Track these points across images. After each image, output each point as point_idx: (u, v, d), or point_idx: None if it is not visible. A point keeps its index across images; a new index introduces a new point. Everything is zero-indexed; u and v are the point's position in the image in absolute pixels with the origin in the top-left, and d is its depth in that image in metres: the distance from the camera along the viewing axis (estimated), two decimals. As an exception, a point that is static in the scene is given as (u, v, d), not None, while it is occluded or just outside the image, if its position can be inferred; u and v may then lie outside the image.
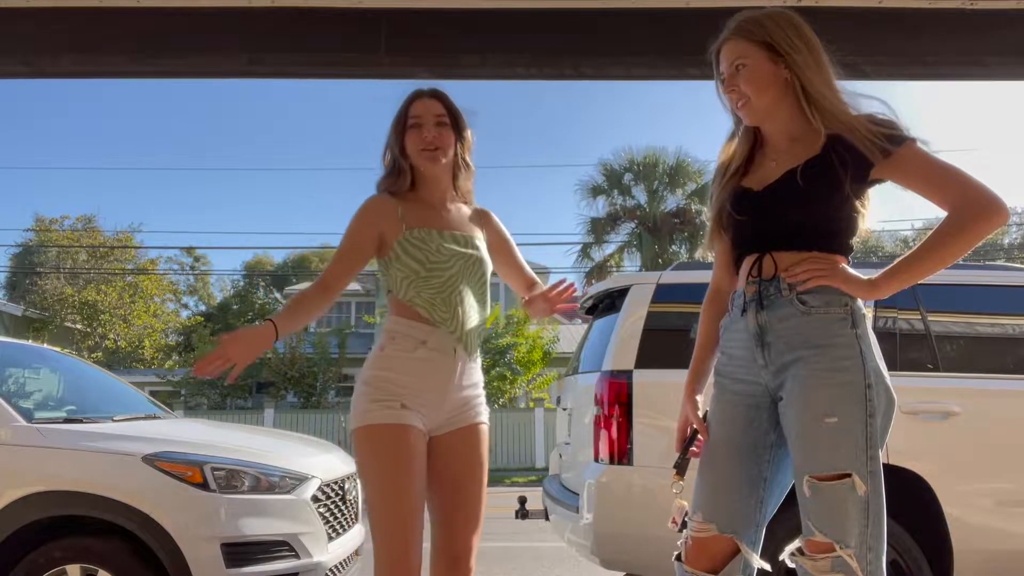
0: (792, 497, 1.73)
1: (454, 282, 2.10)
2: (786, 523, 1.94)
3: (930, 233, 1.67)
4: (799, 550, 1.66)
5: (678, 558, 1.80)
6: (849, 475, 1.58)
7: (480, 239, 2.22)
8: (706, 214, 1.95)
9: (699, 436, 1.87)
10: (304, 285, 22.60)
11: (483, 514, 2.10)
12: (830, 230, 1.73)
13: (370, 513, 1.96)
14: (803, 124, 1.75)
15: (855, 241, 1.77)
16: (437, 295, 2.07)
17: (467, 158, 2.22)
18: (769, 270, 1.74)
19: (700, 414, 1.89)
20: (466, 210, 2.26)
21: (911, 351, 3.45)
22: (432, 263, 2.08)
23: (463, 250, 2.14)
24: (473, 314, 2.12)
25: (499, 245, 2.30)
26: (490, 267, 2.22)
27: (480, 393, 2.19)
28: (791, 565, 1.69)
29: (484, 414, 2.18)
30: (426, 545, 1.98)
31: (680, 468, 1.90)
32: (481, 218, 2.29)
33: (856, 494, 1.58)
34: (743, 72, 1.74)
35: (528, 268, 2.33)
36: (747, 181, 1.83)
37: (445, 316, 2.06)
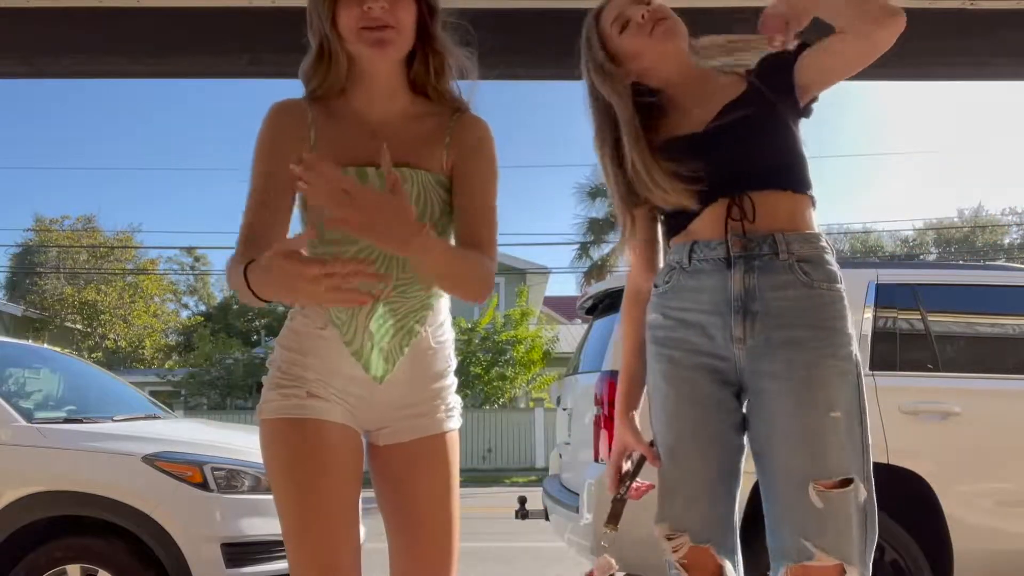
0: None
1: (368, 259, 1.39)
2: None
3: None
4: None
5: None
6: (852, 480, 1.35)
7: (429, 175, 1.44)
8: (613, 202, 1.63)
9: (636, 472, 1.59)
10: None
11: (456, 546, 1.52)
12: (801, 159, 1.51)
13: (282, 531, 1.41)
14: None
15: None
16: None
17: (437, 41, 1.44)
18: (756, 216, 1.45)
19: (646, 439, 1.58)
20: (427, 124, 1.48)
21: (911, 351, 3.44)
22: (333, 229, 1.32)
23: None
24: (391, 322, 1.43)
25: (463, 180, 1.47)
26: (444, 222, 1.47)
27: (444, 387, 1.53)
28: None
29: (451, 417, 1.54)
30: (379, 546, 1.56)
31: (614, 515, 1.56)
32: (450, 137, 1.47)
33: (859, 502, 1.35)
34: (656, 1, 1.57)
35: (488, 230, 1.47)
36: (669, 132, 1.55)
37: (341, 318, 1.40)
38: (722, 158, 1.47)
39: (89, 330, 24.03)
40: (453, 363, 1.57)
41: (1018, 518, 3.28)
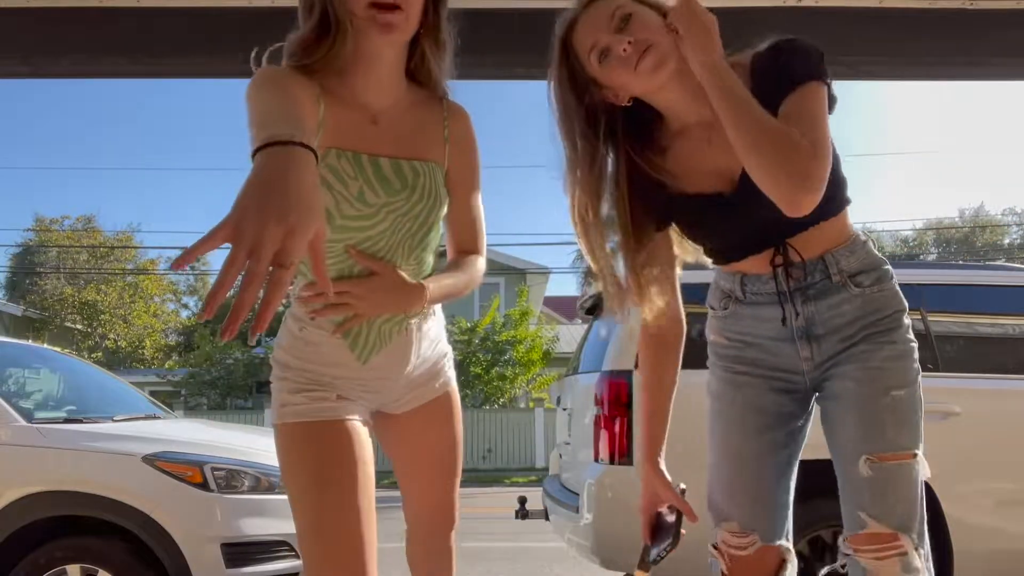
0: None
1: (371, 250, 1.40)
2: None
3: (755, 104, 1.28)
4: (847, 550, 1.41)
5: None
6: (915, 454, 1.38)
7: (437, 168, 1.45)
8: (600, 266, 1.47)
9: (678, 531, 1.50)
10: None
11: (459, 478, 1.68)
12: (838, 178, 1.41)
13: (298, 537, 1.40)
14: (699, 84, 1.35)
15: None
16: (333, 270, 1.39)
17: (441, 31, 1.41)
18: (802, 251, 1.44)
19: (678, 488, 1.53)
20: (422, 113, 1.46)
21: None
22: (345, 217, 1.35)
23: (398, 196, 1.38)
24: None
25: (458, 176, 1.50)
26: (442, 215, 1.49)
27: (441, 354, 1.62)
28: (842, 564, 1.45)
29: (449, 376, 1.65)
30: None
31: (645, 564, 1.53)
32: (448, 129, 1.48)
33: (915, 475, 1.38)
34: (634, 21, 1.34)
35: (479, 228, 1.54)
36: (683, 184, 1.45)
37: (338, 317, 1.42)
38: (764, 218, 1.37)
39: (89, 330, 24.03)
40: (442, 319, 1.65)
41: (1018, 518, 3.28)
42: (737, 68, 1.35)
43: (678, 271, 1.59)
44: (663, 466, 1.56)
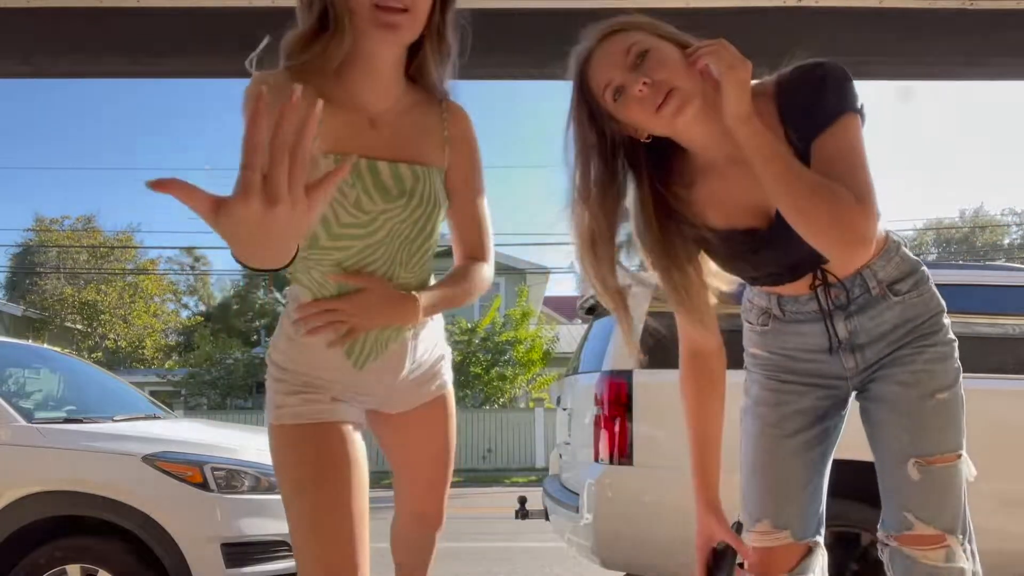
0: None
1: (369, 259, 1.38)
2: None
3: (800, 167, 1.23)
4: (889, 542, 1.41)
5: (740, 565, 1.54)
6: (960, 455, 1.40)
7: (436, 172, 1.41)
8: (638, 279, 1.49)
9: (732, 565, 1.52)
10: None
11: (448, 480, 1.70)
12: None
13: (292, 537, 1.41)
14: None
15: None
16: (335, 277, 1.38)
17: (446, 34, 1.37)
18: (838, 275, 1.44)
19: (728, 523, 1.52)
20: (421, 115, 1.42)
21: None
22: (342, 224, 1.32)
23: (395, 203, 1.34)
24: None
25: (459, 179, 1.46)
26: (443, 218, 1.46)
27: (438, 357, 1.62)
28: (881, 556, 1.45)
29: (445, 379, 1.65)
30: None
31: None
32: (447, 130, 1.44)
33: (962, 477, 1.40)
34: (650, 58, 1.27)
35: (484, 232, 1.51)
36: (712, 219, 1.41)
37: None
38: (802, 251, 1.31)
39: (89, 330, 24.02)
40: (441, 322, 1.67)
41: (1019, 518, 3.28)
42: (760, 99, 1.30)
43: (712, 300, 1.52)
44: (719, 502, 1.54)
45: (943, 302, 1.51)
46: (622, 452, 3.36)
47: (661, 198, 1.42)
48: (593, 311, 4.41)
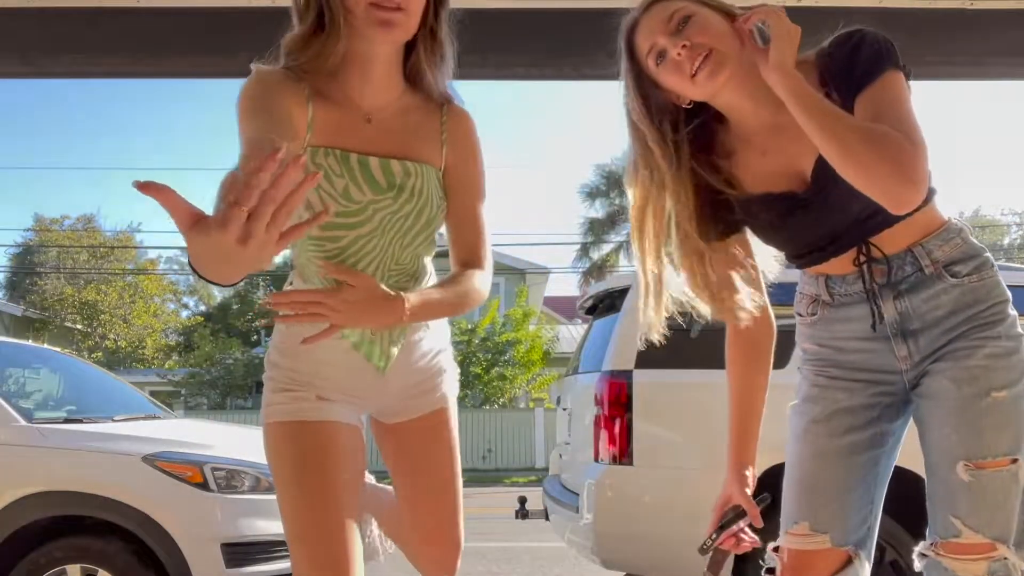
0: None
1: (362, 251, 1.39)
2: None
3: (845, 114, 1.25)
4: (929, 552, 1.34)
5: (770, 571, 1.49)
6: (1016, 459, 1.29)
7: (431, 170, 1.42)
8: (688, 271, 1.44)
9: (740, 520, 1.50)
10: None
11: (460, 494, 1.66)
12: None
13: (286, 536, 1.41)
14: (765, 85, 1.31)
15: None
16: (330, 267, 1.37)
17: (439, 34, 1.39)
18: (887, 246, 1.37)
19: (750, 491, 1.50)
20: (421, 117, 1.44)
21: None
22: (332, 217, 1.34)
23: (385, 195, 1.36)
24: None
25: (457, 181, 1.46)
26: (440, 217, 1.46)
27: (439, 361, 1.59)
28: (918, 567, 1.38)
29: (448, 391, 1.61)
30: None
31: (715, 564, 1.51)
32: (446, 131, 1.46)
33: (1019, 482, 1.30)
34: (692, 24, 1.32)
35: (482, 238, 1.48)
36: (750, 186, 1.42)
37: None
38: (841, 216, 1.33)
39: (89, 330, 24.02)
40: (447, 330, 1.63)
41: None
42: (803, 67, 1.31)
43: (763, 277, 1.51)
44: (748, 478, 1.51)
45: (1008, 292, 1.39)
46: (622, 452, 3.35)
47: (699, 169, 1.42)
48: (593, 311, 4.40)
